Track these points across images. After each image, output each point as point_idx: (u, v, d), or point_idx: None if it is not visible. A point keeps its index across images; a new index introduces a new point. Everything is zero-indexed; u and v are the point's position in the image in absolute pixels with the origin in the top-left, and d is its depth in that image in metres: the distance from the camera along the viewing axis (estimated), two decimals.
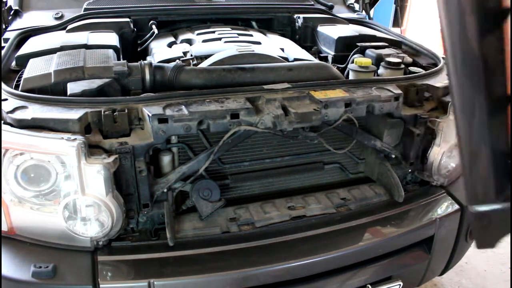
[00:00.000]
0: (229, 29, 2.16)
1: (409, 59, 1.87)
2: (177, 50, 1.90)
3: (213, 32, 2.08)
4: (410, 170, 1.64)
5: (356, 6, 2.69)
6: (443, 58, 1.87)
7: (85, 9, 2.14)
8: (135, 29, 2.12)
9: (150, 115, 1.25)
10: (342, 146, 1.57)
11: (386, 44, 1.99)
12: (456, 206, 1.61)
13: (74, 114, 1.23)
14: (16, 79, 1.56)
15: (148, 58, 1.87)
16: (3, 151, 1.19)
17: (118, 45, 1.80)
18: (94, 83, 1.42)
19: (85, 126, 1.25)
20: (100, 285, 1.18)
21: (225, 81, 1.54)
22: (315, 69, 1.67)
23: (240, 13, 2.38)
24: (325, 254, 1.35)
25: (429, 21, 5.49)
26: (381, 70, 1.79)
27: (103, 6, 2.19)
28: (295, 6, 2.45)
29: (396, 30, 2.47)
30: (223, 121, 1.29)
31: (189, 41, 2.03)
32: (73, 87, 1.39)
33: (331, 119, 1.40)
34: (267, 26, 2.45)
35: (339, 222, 1.47)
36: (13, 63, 1.69)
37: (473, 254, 2.47)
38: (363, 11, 2.67)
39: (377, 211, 1.55)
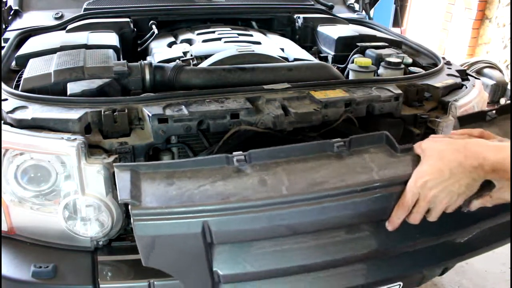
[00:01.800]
0: (229, 29, 2.16)
1: (409, 59, 1.86)
2: (177, 50, 1.90)
3: (213, 32, 2.08)
4: None
5: (356, 6, 2.68)
6: (443, 58, 1.87)
7: (85, 9, 2.14)
8: (135, 29, 2.12)
9: (150, 115, 1.25)
10: None
11: (386, 44, 1.99)
12: None
13: (74, 114, 1.23)
14: (16, 79, 1.56)
15: (148, 58, 1.87)
16: (3, 151, 1.19)
17: (118, 45, 1.80)
18: (94, 83, 1.42)
19: (85, 126, 1.25)
20: (100, 285, 1.18)
21: (225, 81, 1.54)
22: (315, 69, 1.67)
23: (240, 13, 2.38)
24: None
25: (429, 21, 5.49)
26: (381, 70, 1.79)
27: (103, 6, 2.19)
28: (295, 6, 2.45)
29: (396, 30, 2.47)
30: (223, 121, 1.29)
31: (189, 41, 2.03)
32: (73, 87, 1.39)
33: (331, 119, 1.40)
34: (267, 26, 2.44)
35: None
36: (13, 63, 1.69)
37: None
38: (363, 11, 2.67)
39: None
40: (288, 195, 0.90)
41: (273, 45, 2.01)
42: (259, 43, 1.98)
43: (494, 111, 1.21)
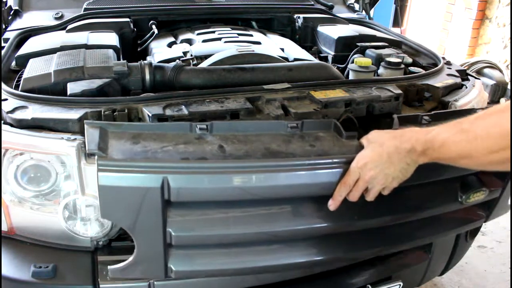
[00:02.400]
0: (229, 29, 2.16)
1: (409, 59, 1.86)
2: (177, 50, 1.90)
3: (213, 32, 2.08)
4: None
5: (356, 6, 2.68)
6: (443, 58, 1.87)
7: (85, 9, 2.14)
8: (135, 29, 2.11)
9: (150, 115, 1.25)
10: None
11: (386, 44, 1.99)
12: None
13: (74, 114, 1.23)
14: (16, 79, 1.56)
15: (148, 58, 1.86)
16: (3, 151, 1.19)
17: (118, 45, 1.80)
18: (94, 83, 1.42)
19: None
20: (100, 285, 1.18)
21: (225, 81, 1.54)
22: (315, 69, 1.67)
23: (240, 13, 2.38)
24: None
25: (429, 21, 5.49)
26: (381, 70, 1.79)
27: (103, 6, 2.19)
28: (295, 6, 2.45)
29: (396, 30, 2.47)
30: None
31: (189, 41, 2.03)
32: (73, 87, 1.39)
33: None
34: (267, 26, 2.44)
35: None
36: (13, 63, 1.68)
37: (473, 254, 2.47)
38: (363, 11, 2.67)
39: None
40: (244, 161, 1.00)
41: (273, 45, 2.01)
42: (259, 43, 1.97)
43: (428, 116, 1.28)
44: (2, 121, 1.25)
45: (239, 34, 2.05)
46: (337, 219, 1.13)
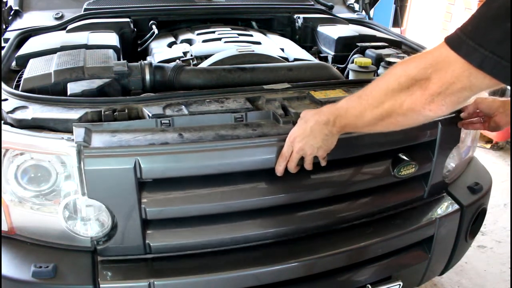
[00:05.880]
0: (229, 29, 2.16)
1: None
2: (177, 50, 1.90)
3: (213, 32, 2.09)
4: None
5: (356, 6, 2.68)
6: None
7: (85, 9, 2.14)
8: (135, 29, 2.12)
9: (150, 115, 1.25)
10: None
11: (386, 44, 1.99)
12: (456, 206, 1.61)
13: (74, 114, 1.24)
14: (16, 79, 1.56)
15: (148, 58, 1.87)
16: (3, 151, 1.19)
17: (118, 45, 1.80)
18: (94, 83, 1.42)
19: None
20: (101, 285, 1.18)
21: (225, 81, 1.55)
22: (315, 69, 1.67)
23: (240, 13, 2.38)
24: (323, 254, 1.35)
25: (429, 21, 5.49)
26: (381, 70, 1.79)
27: (103, 6, 2.19)
28: (295, 6, 2.45)
29: (396, 30, 2.47)
30: None
31: (189, 41, 2.03)
32: (73, 87, 1.39)
33: None
34: (267, 26, 2.45)
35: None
36: (13, 63, 1.69)
37: (473, 254, 2.47)
38: (363, 11, 2.67)
39: None
40: (198, 143, 1.19)
41: (273, 45, 2.01)
42: (259, 43, 1.98)
43: None
44: (2, 121, 1.25)
45: (239, 34, 2.05)
46: (287, 191, 1.31)
